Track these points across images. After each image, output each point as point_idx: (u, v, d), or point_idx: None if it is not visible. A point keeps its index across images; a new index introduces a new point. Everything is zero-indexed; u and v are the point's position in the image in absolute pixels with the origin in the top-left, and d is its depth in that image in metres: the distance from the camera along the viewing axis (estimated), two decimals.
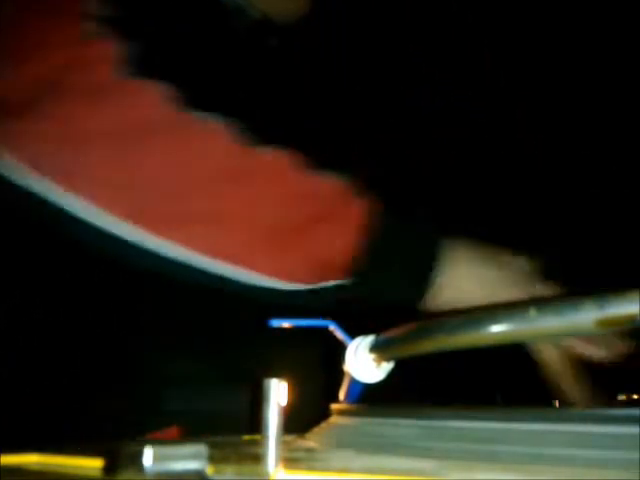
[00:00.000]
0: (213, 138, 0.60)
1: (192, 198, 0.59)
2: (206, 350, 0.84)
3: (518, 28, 1.40)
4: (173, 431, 0.73)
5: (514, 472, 0.32)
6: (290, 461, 0.37)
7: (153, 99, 0.59)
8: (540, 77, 1.44)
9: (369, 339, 0.48)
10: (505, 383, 1.00)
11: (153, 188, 0.59)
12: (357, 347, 0.49)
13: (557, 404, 0.85)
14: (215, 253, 0.59)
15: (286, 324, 0.76)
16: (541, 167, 1.42)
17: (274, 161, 0.60)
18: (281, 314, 0.53)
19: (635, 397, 0.71)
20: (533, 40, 1.42)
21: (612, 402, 0.73)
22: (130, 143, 0.58)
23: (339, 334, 0.52)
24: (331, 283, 0.64)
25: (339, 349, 0.50)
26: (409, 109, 1.04)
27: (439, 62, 1.24)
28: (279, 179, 0.60)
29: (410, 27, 1.19)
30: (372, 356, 0.48)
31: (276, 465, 0.32)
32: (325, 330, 0.78)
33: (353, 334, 0.51)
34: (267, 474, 0.32)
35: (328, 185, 0.62)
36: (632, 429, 0.31)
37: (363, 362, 0.48)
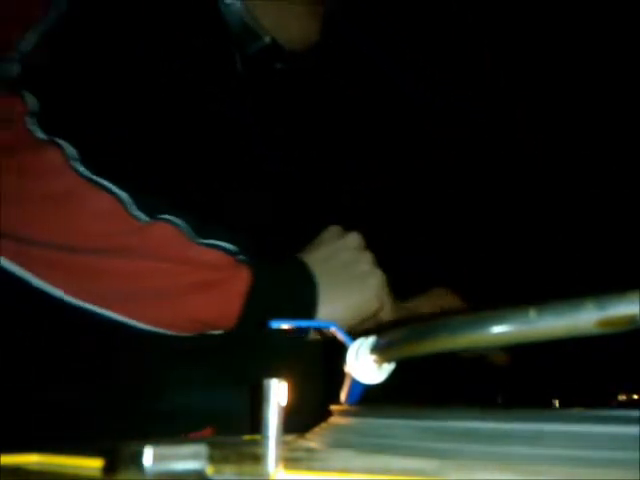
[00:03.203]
0: (101, 212, 0.64)
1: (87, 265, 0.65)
2: (207, 350, 0.84)
3: (518, 28, 1.40)
4: (207, 432, 0.73)
5: (514, 472, 0.32)
6: (290, 461, 0.37)
7: (53, 159, 0.63)
8: (540, 77, 1.44)
9: (370, 340, 0.48)
10: (506, 384, 1.00)
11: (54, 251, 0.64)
12: (358, 348, 0.49)
13: (557, 404, 0.86)
14: (110, 307, 0.66)
15: (287, 325, 0.76)
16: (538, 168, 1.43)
17: (161, 235, 0.65)
18: None
19: (635, 397, 0.71)
20: (533, 40, 1.42)
21: (612, 402, 0.73)
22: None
23: (340, 335, 0.52)
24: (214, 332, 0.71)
25: (340, 350, 0.50)
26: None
27: (439, 62, 1.24)
28: (166, 253, 0.66)
29: (410, 27, 1.19)
30: (373, 357, 0.48)
31: (276, 465, 0.32)
32: (326, 331, 0.78)
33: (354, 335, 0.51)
34: (267, 474, 0.32)
35: (212, 256, 0.67)
36: (632, 429, 0.31)
37: (364, 363, 0.48)
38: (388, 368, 0.49)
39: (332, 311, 0.72)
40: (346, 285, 0.73)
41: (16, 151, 0.62)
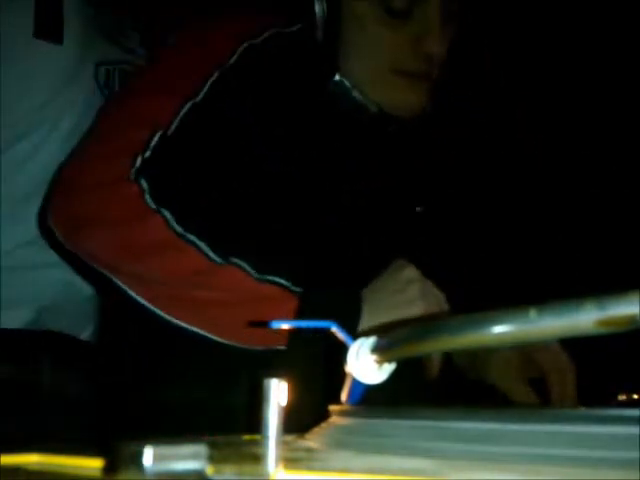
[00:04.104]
0: (189, 259, 0.82)
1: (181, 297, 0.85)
2: (207, 350, 0.84)
3: (518, 28, 1.40)
4: None
5: (514, 472, 0.32)
6: (290, 461, 0.37)
7: (158, 224, 0.82)
8: (540, 77, 1.44)
9: (371, 340, 0.48)
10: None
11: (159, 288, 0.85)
12: (359, 348, 0.49)
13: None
14: (199, 326, 0.84)
15: (288, 325, 0.77)
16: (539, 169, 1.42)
17: (231, 275, 0.82)
18: None
19: (635, 397, 0.71)
20: (533, 41, 1.42)
21: (612, 402, 0.73)
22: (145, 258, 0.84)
23: (341, 335, 0.52)
24: (275, 347, 0.84)
25: (341, 350, 0.50)
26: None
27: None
28: (234, 288, 0.83)
29: None
30: (374, 357, 0.48)
31: (276, 465, 0.32)
32: (327, 331, 0.77)
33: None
34: (267, 474, 0.32)
35: (270, 290, 0.82)
36: (632, 429, 0.31)
37: (365, 363, 0.48)
38: (389, 368, 0.49)
39: None
40: (387, 313, 0.83)
41: (134, 220, 0.83)
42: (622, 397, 0.72)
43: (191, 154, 0.88)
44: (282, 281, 0.83)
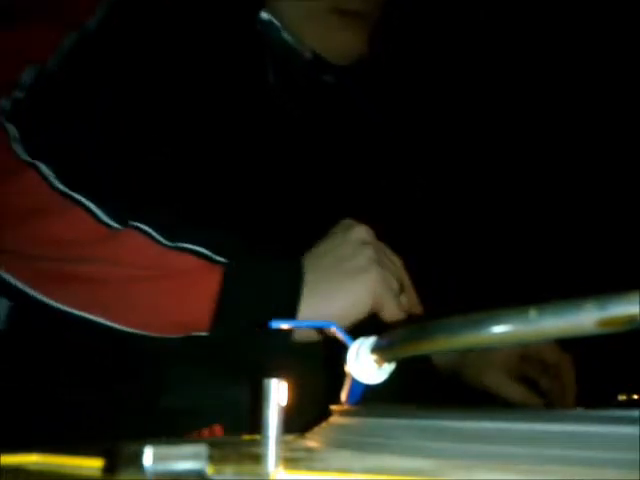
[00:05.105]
0: (75, 223, 0.66)
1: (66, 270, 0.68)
2: (206, 350, 0.84)
3: (516, 30, 1.40)
4: (217, 429, 0.72)
5: (514, 472, 0.32)
6: (290, 461, 0.37)
7: (31, 180, 0.66)
8: (539, 79, 1.44)
9: (371, 340, 0.48)
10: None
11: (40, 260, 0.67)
12: (359, 348, 0.49)
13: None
14: (89, 310, 0.67)
15: (287, 325, 0.76)
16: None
17: (132, 243, 0.67)
18: None
19: (635, 397, 0.71)
20: (531, 42, 1.42)
21: (612, 402, 0.73)
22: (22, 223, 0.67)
23: (340, 335, 0.52)
24: (194, 334, 0.69)
25: (340, 350, 0.50)
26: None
27: (438, 62, 1.24)
28: (137, 260, 0.67)
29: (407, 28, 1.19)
30: (374, 357, 0.48)
31: (276, 465, 0.32)
32: (326, 331, 0.77)
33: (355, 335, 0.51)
34: (267, 474, 0.32)
35: (185, 261, 0.67)
36: (632, 429, 0.31)
37: (364, 363, 0.48)
38: (388, 368, 0.49)
39: (316, 309, 0.69)
40: (336, 282, 0.69)
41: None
42: (622, 397, 0.72)
43: (76, 94, 0.72)
44: (200, 249, 0.67)
